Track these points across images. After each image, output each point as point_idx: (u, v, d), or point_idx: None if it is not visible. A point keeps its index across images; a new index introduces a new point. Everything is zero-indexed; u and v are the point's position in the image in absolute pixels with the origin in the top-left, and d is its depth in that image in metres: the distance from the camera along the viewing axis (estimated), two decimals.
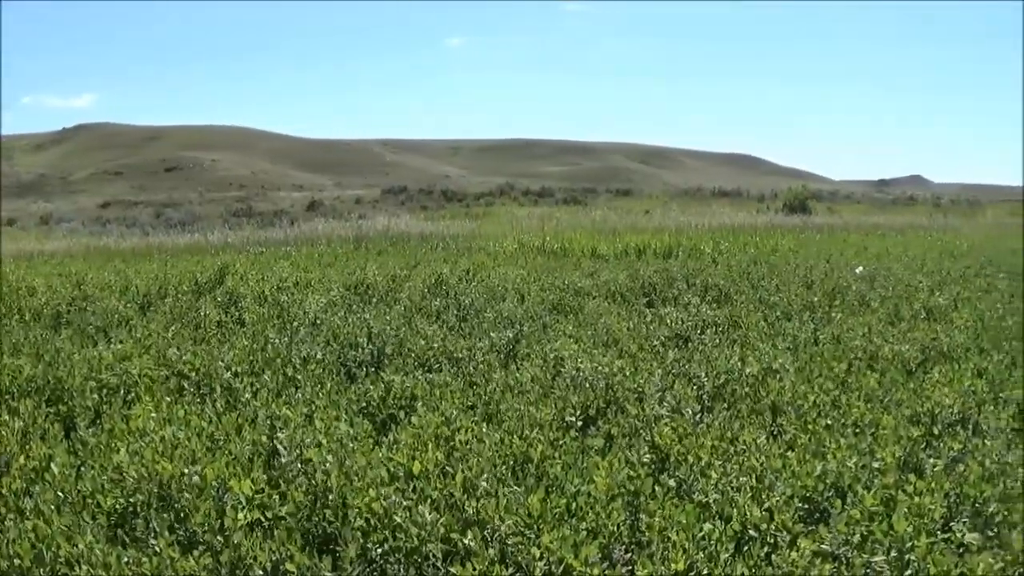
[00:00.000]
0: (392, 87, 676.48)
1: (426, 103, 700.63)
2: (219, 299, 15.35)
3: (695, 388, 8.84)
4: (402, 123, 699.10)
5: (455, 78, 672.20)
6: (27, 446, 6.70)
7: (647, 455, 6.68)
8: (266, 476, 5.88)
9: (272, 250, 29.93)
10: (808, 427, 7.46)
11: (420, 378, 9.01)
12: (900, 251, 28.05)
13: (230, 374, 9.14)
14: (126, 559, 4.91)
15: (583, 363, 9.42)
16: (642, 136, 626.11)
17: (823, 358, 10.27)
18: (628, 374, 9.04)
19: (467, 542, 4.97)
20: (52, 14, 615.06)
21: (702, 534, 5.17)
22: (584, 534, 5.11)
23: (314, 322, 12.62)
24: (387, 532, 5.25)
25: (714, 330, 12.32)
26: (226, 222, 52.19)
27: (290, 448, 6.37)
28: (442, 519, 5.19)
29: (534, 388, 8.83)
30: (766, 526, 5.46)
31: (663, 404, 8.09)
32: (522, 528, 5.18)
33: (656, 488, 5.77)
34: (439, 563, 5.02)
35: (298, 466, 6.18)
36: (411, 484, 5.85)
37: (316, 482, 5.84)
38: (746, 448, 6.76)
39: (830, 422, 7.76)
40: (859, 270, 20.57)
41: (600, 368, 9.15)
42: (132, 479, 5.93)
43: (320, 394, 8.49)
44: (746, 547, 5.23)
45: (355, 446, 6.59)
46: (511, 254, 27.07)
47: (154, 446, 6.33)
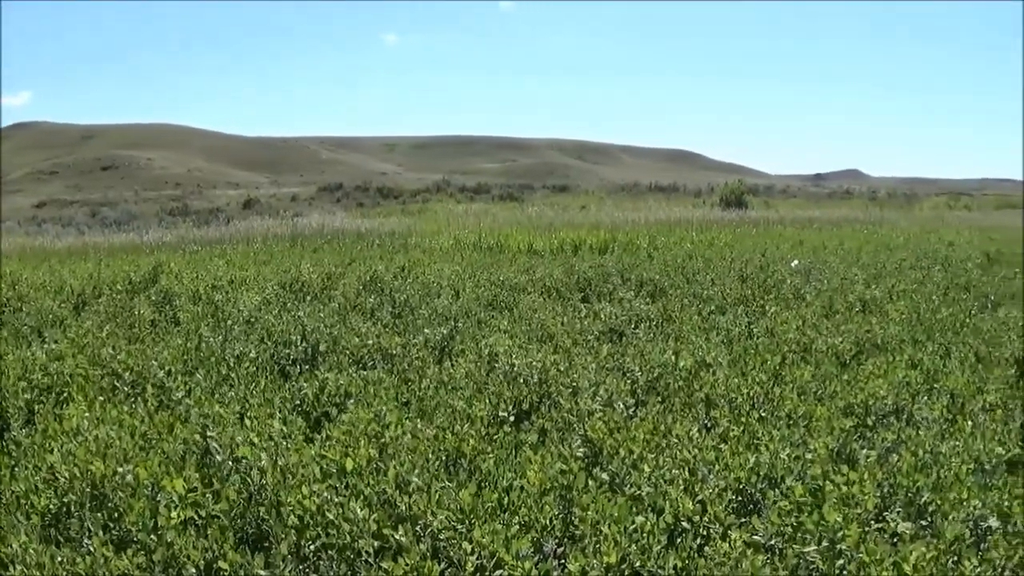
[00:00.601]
0: (328, 84, 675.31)
1: (362, 100, 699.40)
2: (153, 298, 15.21)
3: (629, 382, 8.89)
4: (339, 120, 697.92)
5: (392, 76, 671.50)
6: None
7: (580, 449, 6.71)
8: (199, 475, 5.84)
9: (207, 248, 29.69)
10: (741, 419, 7.52)
11: (354, 375, 8.97)
12: (836, 244, 28.29)
13: (163, 373, 9.06)
14: (60, 559, 4.91)
15: (517, 358, 9.42)
16: (579, 132, 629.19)
17: (757, 351, 10.36)
18: (562, 369, 9.08)
19: (398, 537, 4.97)
20: None
21: (634, 527, 5.18)
22: (516, 528, 5.11)
23: (248, 320, 12.53)
24: (320, 529, 5.25)
25: (648, 324, 12.39)
26: (162, 221, 51.80)
27: (223, 447, 6.34)
28: (374, 515, 5.18)
29: (468, 384, 8.84)
30: (699, 518, 5.51)
31: (596, 398, 8.14)
32: (454, 523, 5.19)
33: (589, 481, 5.80)
34: (371, 559, 5.01)
35: (231, 464, 6.15)
36: (344, 481, 5.84)
37: (249, 480, 5.83)
38: (679, 441, 6.79)
39: (763, 414, 7.84)
40: (795, 264, 20.74)
41: (534, 363, 9.16)
42: (65, 479, 5.90)
43: (254, 392, 8.45)
44: (679, 539, 5.27)
45: (288, 444, 6.57)
46: (447, 251, 27.01)
47: (87, 446, 6.28)
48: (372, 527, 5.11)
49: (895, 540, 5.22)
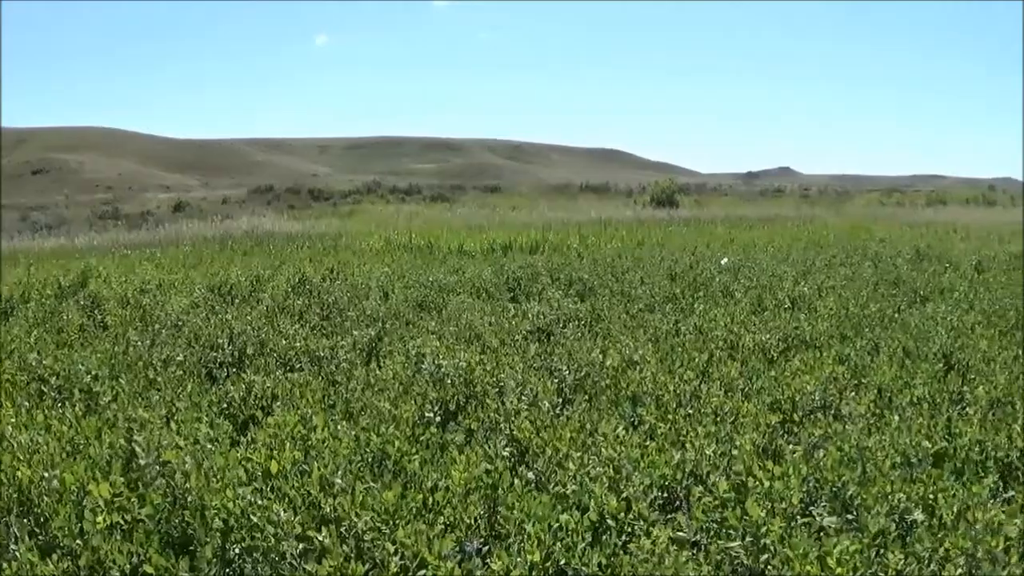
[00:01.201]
0: (259, 86, 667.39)
1: (294, 102, 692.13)
2: (82, 303, 15.07)
3: (556, 381, 8.94)
4: (270, 122, 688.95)
5: (322, 76, 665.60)
6: None
7: (506, 448, 6.73)
8: (124, 479, 5.82)
9: (137, 252, 29.42)
10: (668, 417, 7.58)
11: (281, 378, 8.97)
12: (766, 242, 28.58)
13: (90, 378, 9.00)
14: None
15: (444, 359, 9.46)
16: (510, 132, 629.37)
17: (684, 348, 10.45)
18: (489, 369, 9.09)
19: (322, 539, 4.97)
20: None
21: (559, 525, 5.21)
22: (441, 528, 5.14)
23: (176, 324, 12.47)
24: (244, 532, 5.23)
25: (577, 324, 12.46)
26: (92, 225, 51.13)
27: (148, 451, 6.30)
28: (298, 517, 5.18)
29: (395, 385, 8.85)
30: (623, 515, 5.55)
31: (523, 398, 8.17)
32: (378, 524, 5.20)
33: (514, 481, 5.83)
34: (296, 561, 5.01)
35: (156, 468, 6.12)
36: (268, 483, 5.84)
37: (174, 484, 5.81)
38: (605, 439, 6.84)
39: (690, 411, 7.90)
40: (724, 262, 20.92)
41: (461, 364, 9.19)
42: None
43: (181, 396, 8.42)
44: (603, 537, 5.30)
45: (214, 447, 6.56)
46: (377, 252, 27.03)
47: (13, 451, 6.27)
48: (296, 529, 5.10)
49: (820, 534, 5.27)
